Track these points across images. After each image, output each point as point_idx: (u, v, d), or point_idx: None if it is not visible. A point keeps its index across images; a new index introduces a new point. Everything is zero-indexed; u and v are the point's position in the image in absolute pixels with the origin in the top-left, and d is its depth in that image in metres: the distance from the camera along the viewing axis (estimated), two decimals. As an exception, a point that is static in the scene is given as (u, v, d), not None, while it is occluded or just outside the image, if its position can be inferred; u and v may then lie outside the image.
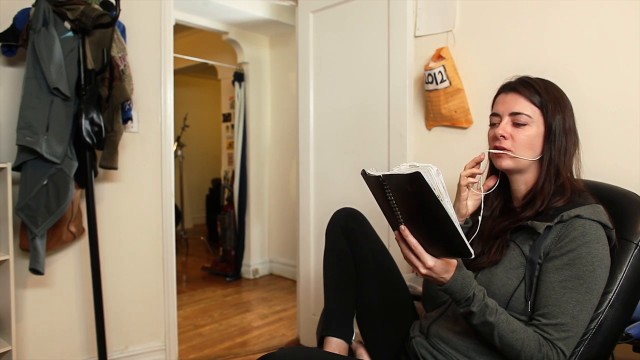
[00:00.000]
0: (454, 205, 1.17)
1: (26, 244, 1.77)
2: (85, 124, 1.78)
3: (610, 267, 1.01)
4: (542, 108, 1.04)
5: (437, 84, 1.78)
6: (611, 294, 1.01)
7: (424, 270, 0.92)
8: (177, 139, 5.13)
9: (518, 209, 1.09)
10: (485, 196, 1.17)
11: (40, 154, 1.67)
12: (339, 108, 2.21)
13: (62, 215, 1.76)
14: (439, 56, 1.81)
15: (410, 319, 1.29)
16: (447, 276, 0.93)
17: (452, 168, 1.27)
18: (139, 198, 2.23)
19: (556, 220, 0.97)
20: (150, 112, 2.25)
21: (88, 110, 1.78)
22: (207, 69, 5.06)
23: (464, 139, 1.80)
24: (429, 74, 1.79)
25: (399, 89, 1.95)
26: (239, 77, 4.00)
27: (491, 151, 1.10)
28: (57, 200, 1.73)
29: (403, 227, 0.90)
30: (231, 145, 4.49)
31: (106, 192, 2.13)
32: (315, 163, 2.35)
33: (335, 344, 1.27)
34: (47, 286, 1.98)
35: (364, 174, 0.91)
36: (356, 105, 2.13)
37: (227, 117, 4.63)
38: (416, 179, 0.79)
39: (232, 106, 4.44)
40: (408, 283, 1.40)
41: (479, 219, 1.14)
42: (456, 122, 1.80)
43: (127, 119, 2.01)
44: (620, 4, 1.44)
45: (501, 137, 1.07)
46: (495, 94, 1.14)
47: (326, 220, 1.40)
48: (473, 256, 0.85)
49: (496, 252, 1.03)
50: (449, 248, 0.88)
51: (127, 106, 1.98)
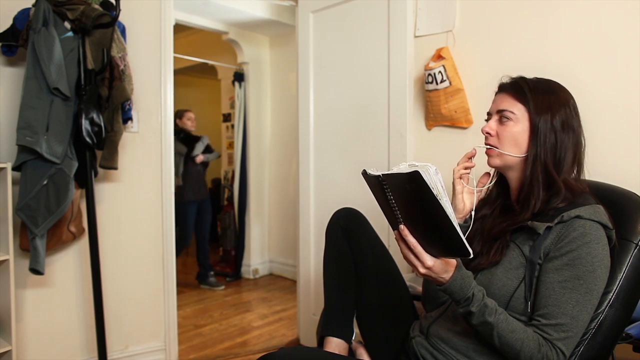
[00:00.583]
0: (451, 202, 1.17)
1: (26, 244, 1.77)
2: (85, 124, 1.78)
3: (610, 267, 1.01)
4: (527, 105, 1.05)
5: (437, 84, 1.78)
6: (611, 294, 1.00)
7: (423, 270, 0.92)
8: (177, 139, 5.12)
9: (516, 208, 1.09)
10: (488, 194, 1.17)
11: (40, 154, 1.67)
12: (339, 108, 2.21)
13: (62, 215, 1.76)
14: (439, 56, 1.81)
15: (410, 319, 1.29)
16: (447, 276, 0.93)
17: (452, 168, 1.27)
18: (139, 198, 2.23)
19: (556, 221, 0.96)
20: (150, 112, 2.25)
21: (88, 110, 1.78)
22: (207, 69, 5.06)
23: (464, 139, 1.80)
24: (429, 74, 1.79)
25: (399, 89, 1.95)
26: (239, 77, 4.00)
27: (479, 146, 1.12)
28: (57, 200, 1.73)
29: (402, 226, 0.90)
30: (231, 145, 4.49)
31: (106, 192, 2.13)
32: (315, 163, 2.35)
33: (335, 344, 1.27)
34: (47, 286, 1.98)
35: (365, 173, 0.91)
36: (356, 105, 2.13)
37: (227, 117, 4.64)
38: (415, 178, 0.79)
39: (232, 106, 4.44)
40: (408, 283, 1.40)
41: (472, 214, 1.15)
42: (456, 122, 1.80)
43: (127, 119, 2.01)
44: (620, 3, 1.44)
45: (487, 134, 1.09)
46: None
47: (326, 220, 1.40)
48: (472, 256, 0.85)
49: (496, 253, 1.03)
50: (448, 248, 0.88)
51: (127, 106, 1.98)
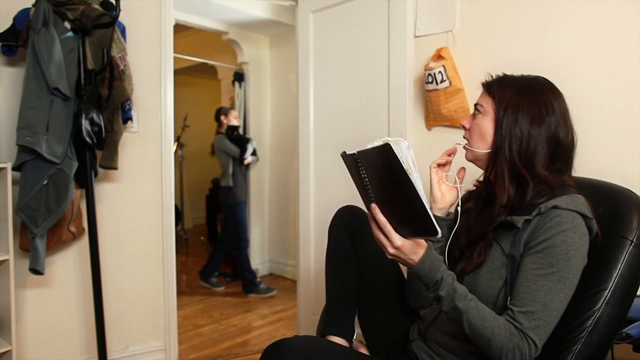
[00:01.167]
0: (430, 194, 1.17)
1: (26, 244, 1.77)
2: (85, 124, 1.78)
3: (604, 263, 1.01)
4: (494, 98, 1.05)
5: (437, 84, 1.78)
6: (607, 291, 1.00)
7: (391, 250, 0.91)
8: (177, 139, 5.12)
9: (495, 204, 1.07)
10: (477, 188, 1.17)
11: (40, 154, 1.67)
12: (339, 108, 2.21)
13: (62, 215, 1.76)
14: (439, 56, 1.81)
15: (413, 319, 1.28)
16: (416, 258, 0.92)
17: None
18: (139, 198, 2.23)
19: (534, 213, 0.96)
20: (150, 112, 2.25)
21: (88, 110, 1.78)
22: (207, 69, 5.06)
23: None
24: (429, 74, 1.79)
25: (399, 89, 1.95)
26: (239, 77, 4.00)
27: (458, 143, 1.15)
28: (57, 200, 1.73)
29: (374, 205, 0.90)
30: (231, 145, 4.48)
31: (106, 192, 2.13)
32: (315, 163, 2.35)
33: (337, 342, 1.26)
34: (47, 286, 1.98)
35: (344, 154, 0.91)
36: (356, 105, 2.13)
37: (227, 117, 4.63)
38: (386, 152, 0.79)
39: (232, 106, 4.44)
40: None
41: (458, 209, 1.14)
42: (456, 122, 1.80)
43: (127, 119, 2.01)
44: (620, 4, 1.44)
45: (462, 128, 1.12)
46: None
47: (326, 219, 1.40)
48: (440, 234, 0.84)
49: (479, 254, 1.02)
50: (417, 227, 0.88)
51: (127, 106, 1.98)
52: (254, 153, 3.74)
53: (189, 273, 4.24)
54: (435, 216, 1.15)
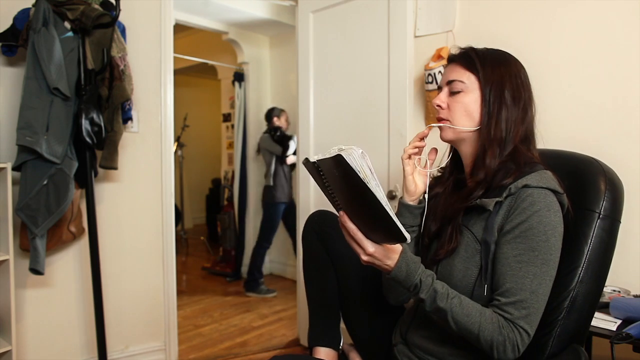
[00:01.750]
0: (403, 184, 1.15)
1: (26, 244, 1.77)
2: (85, 124, 1.78)
3: (574, 239, 0.98)
4: (476, 73, 1.01)
5: (437, 83, 1.78)
6: (580, 269, 0.97)
7: (365, 257, 0.89)
8: (177, 139, 5.13)
9: (469, 183, 1.05)
10: (442, 171, 1.14)
11: (40, 154, 1.67)
12: (339, 108, 2.21)
13: (62, 215, 1.76)
14: (439, 56, 1.81)
15: (398, 315, 1.25)
16: (391, 263, 0.90)
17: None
18: (139, 198, 2.23)
19: (505, 194, 0.93)
20: (150, 112, 2.26)
21: (88, 110, 1.78)
22: (207, 69, 5.07)
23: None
24: (429, 74, 1.79)
25: (399, 88, 1.95)
26: (239, 77, 4.00)
27: (433, 125, 1.08)
28: (57, 200, 1.73)
29: (341, 212, 0.88)
30: (231, 145, 4.49)
31: (106, 192, 2.13)
32: (315, 163, 2.35)
33: (324, 353, 1.24)
34: (47, 286, 1.98)
35: (306, 162, 0.85)
36: (356, 105, 2.13)
37: (227, 117, 4.64)
38: (339, 162, 0.76)
39: (232, 106, 4.44)
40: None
41: (425, 196, 1.11)
42: (456, 122, 1.80)
43: (127, 119, 2.01)
44: (621, 3, 1.44)
45: (438, 107, 1.05)
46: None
47: (326, 219, 1.40)
48: (409, 241, 0.81)
49: (450, 240, 0.99)
50: (386, 233, 0.85)
51: (127, 106, 1.98)
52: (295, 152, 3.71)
53: (189, 273, 4.25)
54: (408, 205, 1.13)
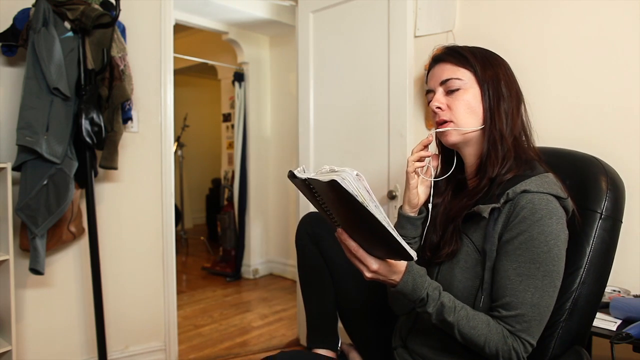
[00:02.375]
0: (404, 195, 1.12)
1: (26, 244, 1.77)
2: (85, 124, 1.78)
3: (576, 240, 0.96)
4: (472, 68, 0.98)
5: (437, 84, 1.77)
6: (581, 270, 0.96)
7: (369, 274, 0.86)
8: (177, 139, 5.13)
9: (472, 184, 1.01)
10: (436, 181, 1.10)
11: (40, 154, 1.67)
12: (339, 108, 2.21)
13: (62, 215, 1.76)
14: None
15: (397, 318, 1.24)
16: (396, 278, 0.87)
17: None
18: (139, 198, 2.23)
19: (502, 200, 0.89)
20: (150, 112, 2.25)
21: (88, 110, 1.78)
22: (207, 69, 5.06)
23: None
24: (429, 74, 1.79)
25: (399, 88, 1.95)
26: (239, 77, 4.00)
27: (437, 130, 1.01)
28: (57, 200, 1.73)
29: (340, 230, 0.84)
30: (231, 145, 4.49)
31: (106, 192, 2.13)
32: (315, 163, 2.35)
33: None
34: (47, 286, 1.98)
35: (292, 176, 0.80)
36: (356, 105, 2.13)
37: (227, 117, 4.64)
38: (335, 187, 0.71)
39: (232, 106, 4.44)
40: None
41: (429, 206, 1.08)
42: (456, 122, 1.80)
43: (127, 119, 2.01)
44: (620, 3, 1.44)
45: (437, 110, 1.00)
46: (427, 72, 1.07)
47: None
48: (415, 259, 0.78)
49: (450, 242, 0.96)
50: (391, 251, 0.82)
51: (127, 106, 1.98)
52: None
53: (189, 273, 4.24)
54: (409, 217, 1.10)
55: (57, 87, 1.70)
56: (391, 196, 1.96)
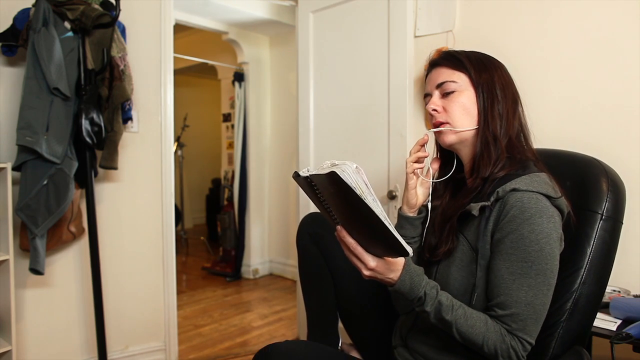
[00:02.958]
0: (403, 195, 1.14)
1: (26, 244, 1.77)
2: (85, 124, 1.78)
3: (577, 240, 0.97)
4: (467, 71, 1.00)
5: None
6: (582, 270, 0.97)
7: (367, 272, 0.87)
8: (177, 139, 5.13)
9: (469, 183, 1.02)
10: (435, 183, 1.12)
11: (40, 154, 1.67)
12: (339, 108, 2.21)
13: (62, 215, 1.76)
14: (436, 53, 1.81)
15: (397, 316, 1.24)
16: (394, 276, 0.88)
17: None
18: (139, 198, 2.23)
19: (492, 199, 0.90)
20: (150, 112, 2.26)
21: (88, 110, 1.78)
22: (207, 69, 5.07)
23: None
24: (429, 74, 1.79)
25: (399, 89, 1.95)
26: (239, 77, 4.00)
27: (433, 130, 1.04)
28: (57, 200, 1.73)
29: (339, 227, 0.85)
30: (231, 145, 4.49)
31: (106, 192, 2.13)
32: (315, 163, 2.35)
33: None
34: (47, 286, 1.98)
35: (296, 176, 0.82)
36: (356, 105, 2.13)
37: (227, 117, 4.64)
38: (334, 179, 0.73)
39: (232, 106, 4.44)
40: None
41: (429, 206, 1.10)
42: (456, 122, 1.80)
43: (127, 119, 2.01)
44: (620, 3, 1.44)
45: (434, 112, 1.03)
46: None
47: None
48: (411, 254, 0.80)
49: (447, 241, 0.98)
50: (387, 247, 0.83)
51: (127, 106, 1.98)
52: None
53: (189, 273, 4.24)
54: (408, 217, 1.12)
55: (57, 87, 1.70)
56: (391, 196, 1.96)
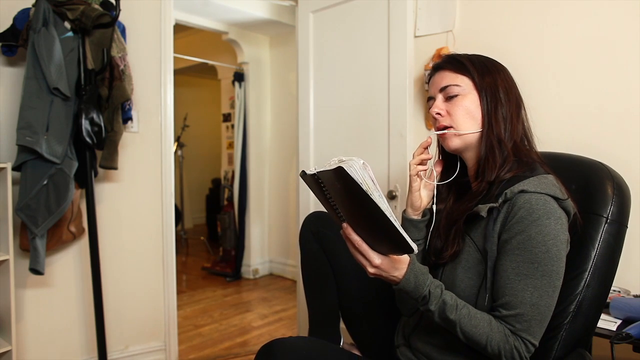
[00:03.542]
0: (407, 198, 1.14)
1: (26, 244, 1.77)
2: (85, 124, 1.78)
3: (582, 243, 0.97)
4: (470, 74, 1.00)
5: (437, 84, 1.78)
6: (586, 273, 0.97)
7: (371, 270, 0.88)
8: (177, 139, 5.13)
9: (474, 186, 1.03)
10: (439, 186, 1.12)
11: (40, 154, 1.67)
12: (339, 108, 2.21)
13: (62, 215, 1.76)
14: (439, 56, 1.81)
15: (400, 316, 1.24)
16: (398, 274, 0.89)
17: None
18: (139, 198, 2.23)
19: (500, 200, 0.90)
20: (150, 112, 2.25)
21: (88, 110, 1.78)
22: (207, 69, 5.06)
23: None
24: (429, 74, 1.79)
25: (399, 88, 1.95)
26: (239, 77, 4.00)
27: (436, 132, 1.05)
28: (57, 200, 1.73)
29: (345, 224, 0.86)
30: (231, 145, 4.49)
31: (106, 192, 2.13)
32: (316, 163, 2.35)
33: None
34: (47, 286, 1.98)
35: (303, 174, 0.84)
36: (356, 105, 2.13)
37: (227, 117, 4.64)
38: (341, 175, 0.74)
39: (232, 106, 4.44)
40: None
41: (434, 208, 1.10)
42: (456, 122, 1.80)
43: (127, 119, 2.01)
44: (620, 3, 1.44)
45: (437, 116, 1.03)
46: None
47: (326, 219, 1.40)
48: (416, 251, 0.80)
49: (453, 243, 0.98)
50: (392, 244, 0.83)
51: (127, 106, 1.98)
52: None
53: (189, 273, 4.24)
54: (412, 220, 1.12)
55: (57, 87, 1.70)
56: (391, 196, 1.96)
